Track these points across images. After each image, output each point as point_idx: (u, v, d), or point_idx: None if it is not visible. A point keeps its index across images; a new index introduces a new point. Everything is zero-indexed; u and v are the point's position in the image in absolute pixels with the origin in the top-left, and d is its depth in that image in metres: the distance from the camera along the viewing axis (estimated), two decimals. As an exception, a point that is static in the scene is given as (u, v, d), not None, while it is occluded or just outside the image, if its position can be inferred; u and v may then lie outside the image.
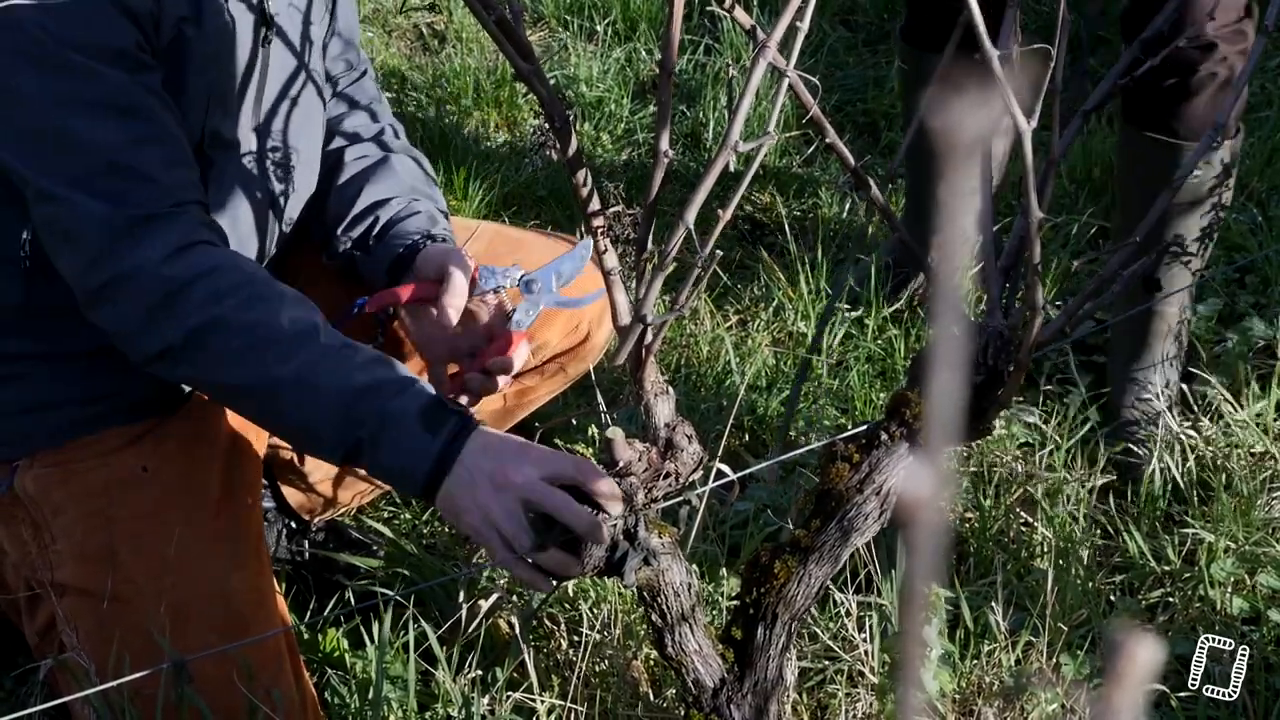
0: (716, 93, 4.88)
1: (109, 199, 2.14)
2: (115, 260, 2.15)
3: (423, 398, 2.16)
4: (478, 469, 2.10)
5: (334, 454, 2.18)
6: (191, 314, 2.15)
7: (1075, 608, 2.79)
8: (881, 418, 2.14)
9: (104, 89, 2.15)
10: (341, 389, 2.14)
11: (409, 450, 2.13)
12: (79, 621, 2.39)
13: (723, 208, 1.81)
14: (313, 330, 2.19)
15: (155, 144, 2.19)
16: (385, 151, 2.68)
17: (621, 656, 2.61)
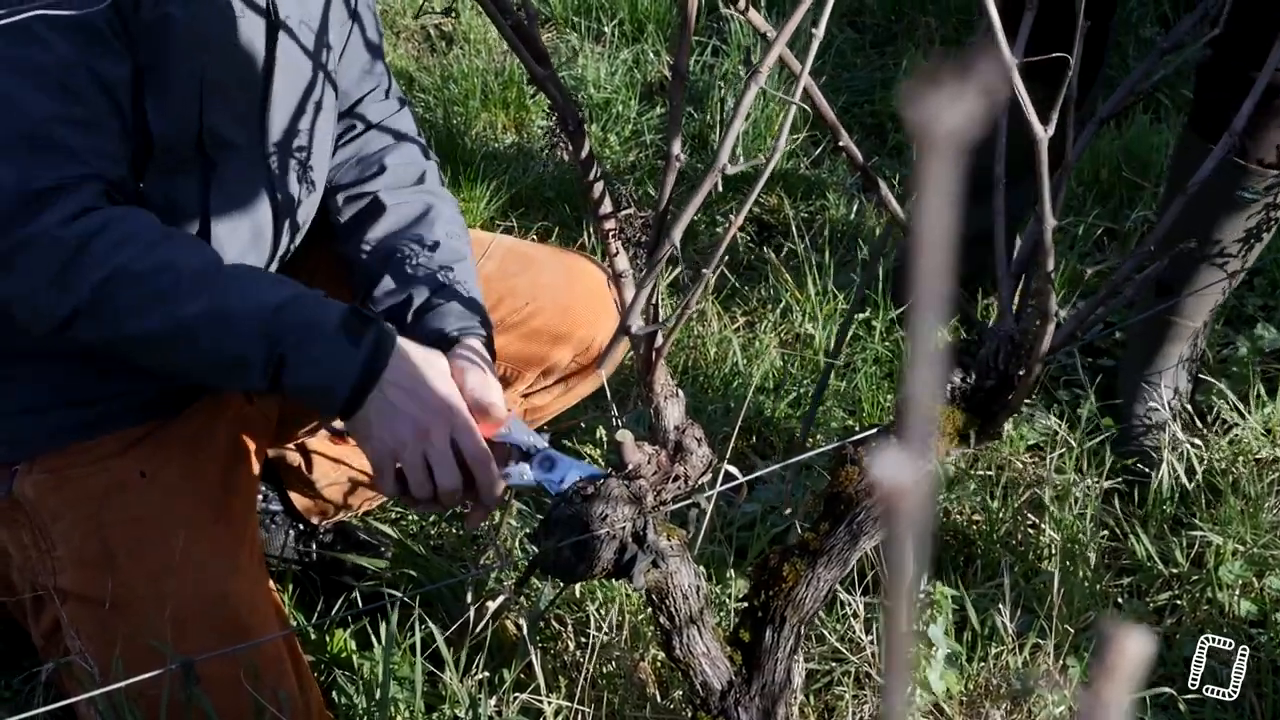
0: (724, 94, 4.88)
1: (19, 169, 2.12)
2: (13, 227, 2.13)
3: (340, 308, 2.19)
4: (402, 406, 2.18)
5: (262, 377, 2.18)
6: (94, 270, 2.13)
7: (1083, 610, 2.79)
8: (890, 420, 2.14)
9: (49, 60, 2.13)
10: (257, 310, 2.16)
11: (331, 363, 2.17)
12: (81, 626, 2.39)
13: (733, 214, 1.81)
14: (215, 264, 2.21)
15: (82, 127, 2.17)
16: (426, 199, 2.64)
17: (629, 658, 2.61)
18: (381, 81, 2.72)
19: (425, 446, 2.19)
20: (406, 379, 2.20)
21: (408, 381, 2.20)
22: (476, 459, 2.21)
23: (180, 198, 2.36)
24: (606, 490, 2.00)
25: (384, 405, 2.18)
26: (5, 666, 2.74)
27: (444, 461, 2.20)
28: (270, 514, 2.96)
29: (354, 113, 2.69)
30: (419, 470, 2.21)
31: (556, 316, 2.78)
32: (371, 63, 2.69)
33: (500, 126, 4.92)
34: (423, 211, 2.60)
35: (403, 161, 2.67)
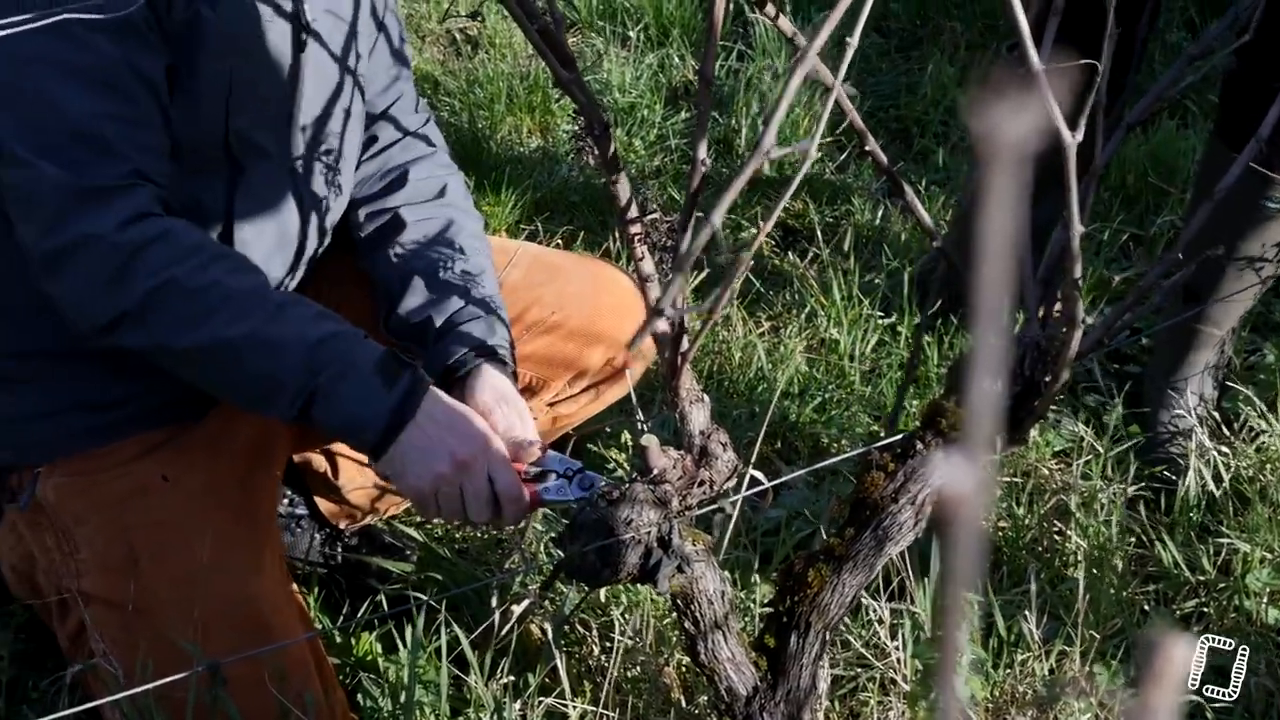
0: (749, 99, 4.88)
1: (71, 167, 2.14)
2: (69, 227, 2.15)
3: (378, 351, 2.22)
4: (437, 440, 2.20)
5: (292, 406, 2.19)
6: (146, 279, 2.16)
7: (1109, 617, 2.78)
8: (916, 426, 2.13)
9: (93, 59, 2.15)
10: (298, 341, 2.18)
11: (363, 403, 2.19)
12: (105, 629, 2.39)
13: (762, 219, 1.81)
14: (263, 289, 2.23)
15: (128, 124, 2.19)
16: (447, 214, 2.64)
17: (654, 663, 2.61)
18: (407, 92, 2.72)
19: (463, 479, 2.21)
20: (441, 415, 2.22)
21: (443, 417, 2.22)
22: (509, 496, 2.24)
23: (205, 199, 2.37)
24: (632, 495, 2.00)
25: (420, 440, 2.20)
26: (32, 668, 2.75)
27: (480, 496, 2.23)
28: (296, 518, 2.97)
29: (379, 123, 2.69)
30: (454, 501, 2.23)
31: (584, 325, 2.78)
32: (396, 72, 2.69)
33: (525, 131, 4.92)
34: (443, 228, 2.60)
35: (424, 175, 2.67)
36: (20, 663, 2.75)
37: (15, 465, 2.48)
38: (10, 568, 2.59)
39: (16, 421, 2.45)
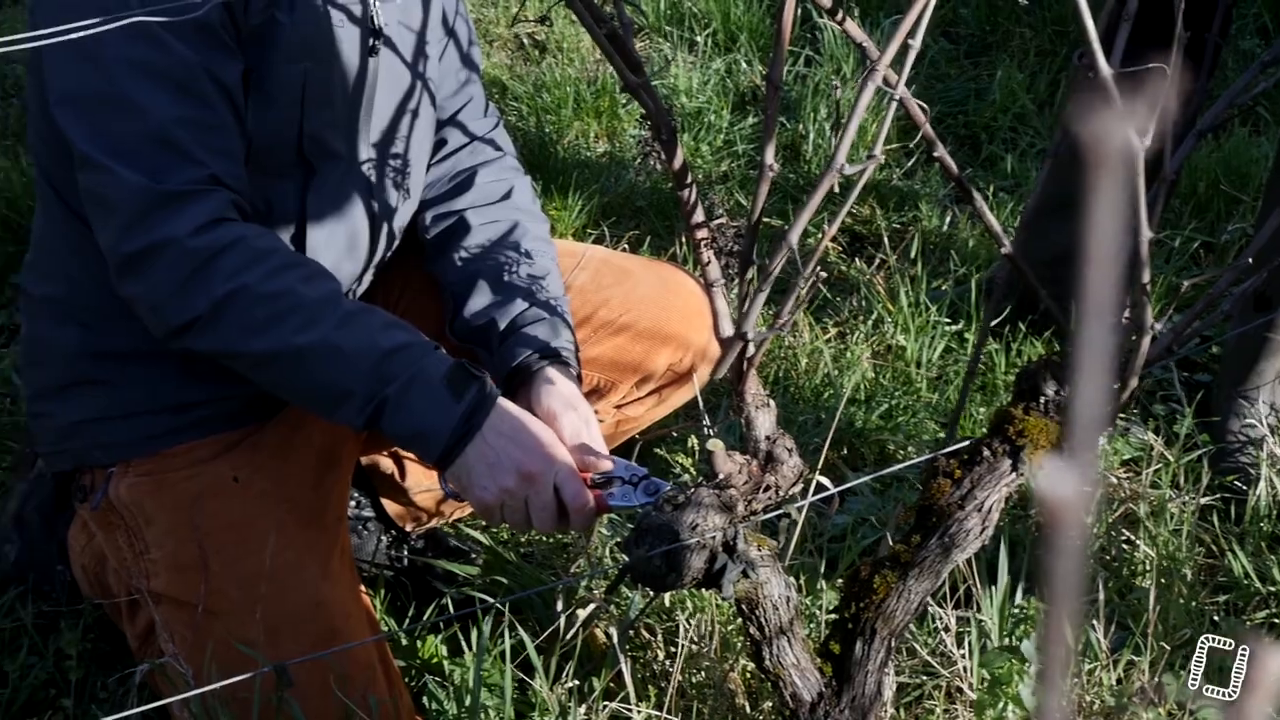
0: (816, 104, 4.87)
1: (147, 172, 2.17)
2: (146, 231, 2.18)
3: (447, 362, 2.23)
4: (503, 453, 2.21)
5: (360, 414, 2.21)
6: (218, 284, 2.18)
7: (1178, 627, 2.76)
8: (984, 433, 2.13)
9: (171, 63, 2.17)
10: (369, 350, 2.20)
11: (431, 414, 2.20)
12: (174, 629, 2.41)
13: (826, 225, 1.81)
14: (335, 297, 2.24)
15: (205, 129, 2.21)
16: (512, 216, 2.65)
17: (718, 668, 2.61)
18: (476, 96, 2.73)
19: (529, 492, 2.22)
20: (507, 428, 2.22)
21: (509, 430, 2.23)
22: (575, 506, 2.24)
23: (278, 201, 2.39)
24: (697, 499, 2.00)
25: (486, 453, 2.21)
26: (101, 667, 2.77)
27: (546, 508, 2.23)
28: (363, 520, 2.98)
29: (448, 127, 2.70)
30: (518, 513, 2.24)
31: (651, 328, 2.78)
32: (466, 76, 2.70)
33: (592, 135, 4.92)
34: (508, 230, 2.61)
35: (491, 179, 2.68)
36: (90, 662, 2.77)
37: (88, 465, 2.51)
38: (81, 567, 2.61)
39: (91, 422, 2.47)
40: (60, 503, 2.70)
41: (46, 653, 2.76)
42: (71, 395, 2.49)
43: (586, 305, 2.75)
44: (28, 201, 3.95)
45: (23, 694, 2.70)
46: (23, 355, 2.68)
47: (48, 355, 2.52)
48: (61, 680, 2.74)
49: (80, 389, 2.47)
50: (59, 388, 2.50)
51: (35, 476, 2.84)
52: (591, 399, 2.72)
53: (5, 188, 4.17)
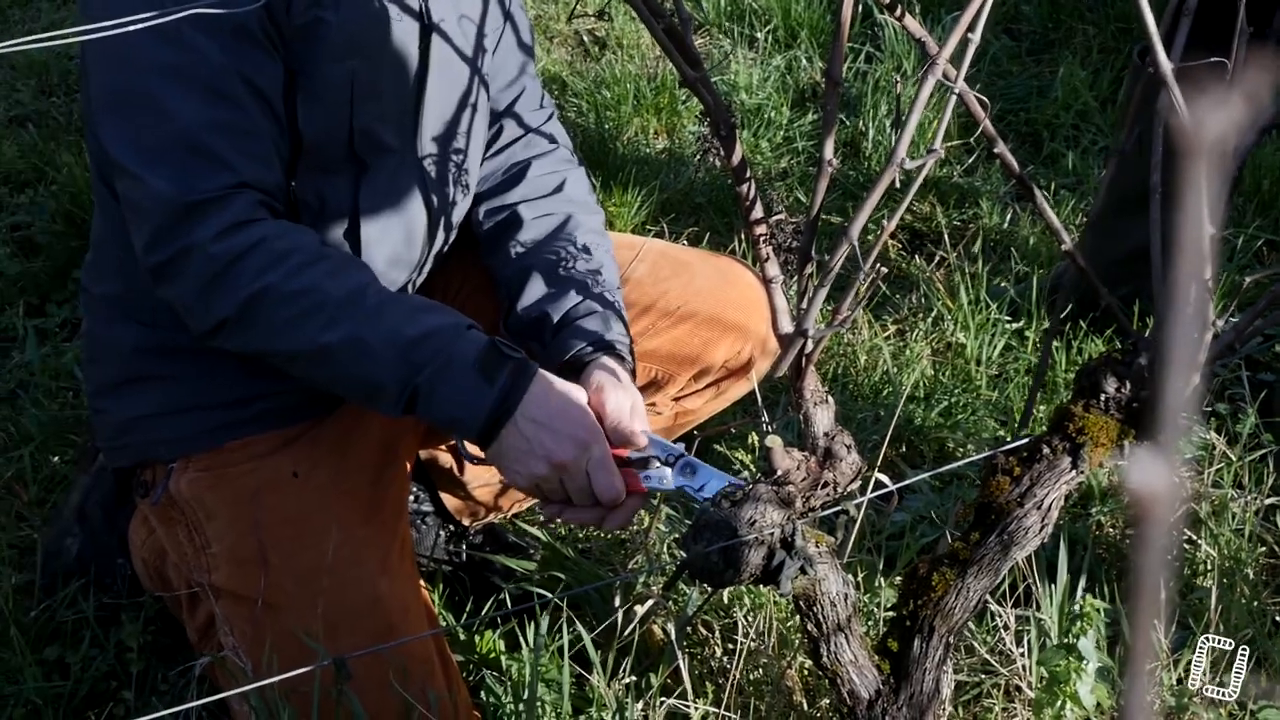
0: (877, 101, 4.86)
1: (175, 180, 2.19)
2: (172, 239, 2.20)
3: (479, 343, 2.22)
4: (537, 442, 2.21)
5: (396, 405, 2.22)
6: (242, 286, 2.19)
7: (1240, 627, 2.74)
8: (1043, 431, 2.12)
9: (203, 68, 2.18)
10: (394, 341, 2.20)
11: (464, 400, 2.20)
12: (234, 623, 2.42)
13: (886, 220, 1.80)
14: (361, 290, 2.24)
15: (237, 133, 2.22)
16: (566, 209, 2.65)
17: (776, 665, 2.61)
18: (530, 87, 2.73)
19: (562, 477, 2.23)
20: (541, 414, 2.22)
21: (542, 416, 2.22)
22: (607, 499, 2.24)
23: (331, 197, 2.39)
24: (755, 495, 1.99)
25: (518, 440, 2.21)
26: (162, 660, 2.79)
27: (580, 494, 2.24)
28: (421, 514, 2.99)
29: (502, 119, 2.70)
30: (556, 498, 2.27)
31: (710, 320, 2.78)
32: (521, 66, 2.70)
33: (652, 132, 4.92)
34: (561, 223, 2.61)
35: (544, 171, 2.67)
36: (150, 654, 2.79)
37: (149, 461, 2.52)
38: (142, 561, 2.63)
39: (150, 418, 2.49)
40: (121, 497, 2.72)
41: (108, 645, 2.78)
42: (130, 391, 2.50)
43: (645, 297, 2.75)
44: (90, 197, 3.98)
45: (84, 686, 2.73)
46: (84, 351, 2.70)
47: (107, 352, 2.54)
48: (123, 672, 2.76)
49: (139, 385, 2.49)
50: (118, 384, 2.52)
51: (97, 470, 2.87)
52: (649, 391, 2.72)
53: (69, 184, 4.20)
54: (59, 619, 2.83)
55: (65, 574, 2.86)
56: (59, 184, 4.28)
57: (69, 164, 4.33)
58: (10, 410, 3.49)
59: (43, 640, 2.80)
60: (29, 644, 2.75)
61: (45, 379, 3.59)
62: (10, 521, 3.13)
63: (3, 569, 2.95)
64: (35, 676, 2.71)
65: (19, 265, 4.03)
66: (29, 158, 4.54)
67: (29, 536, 3.08)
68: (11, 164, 4.52)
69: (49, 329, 3.81)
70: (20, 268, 4.01)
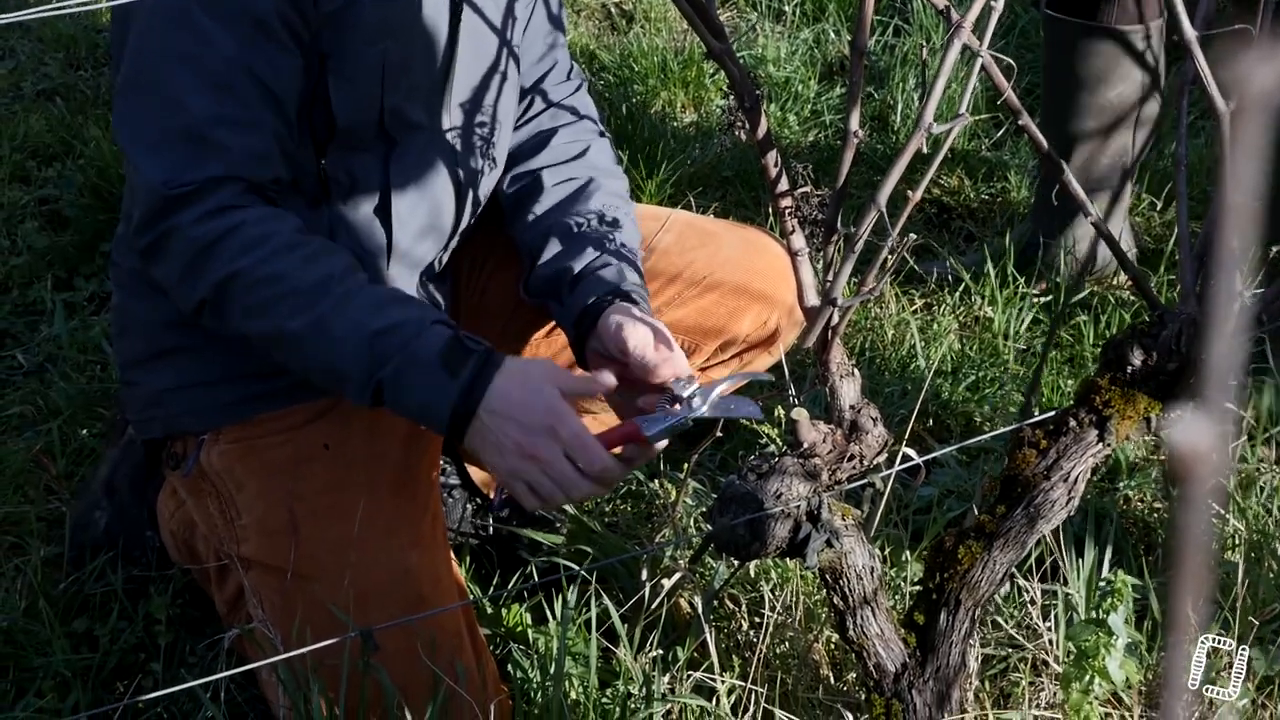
0: (905, 74, 4.84)
1: (167, 169, 2.22)
2: (157, 223, 2.24)
3: (442, 337, 2.21)
4: (504, 435, 2.18)
5: (362, 395, 2.23)
6: (217, 269, 2.22)
7: (1268, 602, 2.73)
8: (1070, 404, 2.11)
9: (212, 59, 2.20)
10: (358, 333, 2.20)
11: (427, 393, 2.20)
12: (264, 594, 2.43)
13: (911, 190, 1.80)
14: (328, 279, 2.24)
15: (235, 126, 2.23)
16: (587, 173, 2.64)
17: (802, 639, 2.61)
18: (561, 60, 2.72)
19: (541, 466, 2.19)
20: (503, 406, 2.19)
21: (504, 409, 2.19)
22: (594, 473, 2.20)
23: (361, 175, 2.40)
24: (782, 468, 1.99)
25: (486, 434, 2.20)
26: (190, 632, 2.80)
27: (565, 476, 2.19)
28: (448, 487, 2.99)
29: (532, 94, 2.70)
30: (546, 485, 2.21)
31: (736, 289, 2.77)
32: (552, 40, 2.69)
33: (679, 105, 4.92)
34: (581, 186, 2.60)
35: (568, 139, 2.67)
36: (179, 627, 2.80)
37: (179, 433, 2.53)
38: (170, 533, 2.64)
39: (180, 389, 2.50)
40: (150, 470, 2.73)
41: (136, 617, 2.79)
42: (160, 364, 2.51)
43: (671, 267, 2.75)
44: (118, 170, 4.00)
45: (113, 658, 2.74)
46: (114, 324, 2.71)
47: (137, 325, 2.55)
48: (151, 645, 2.77)
49: (169, 357, 2.50)
50: (148, 356, 2.53)
51: (125, 444, 2.88)
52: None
53: (97, 158, 4.21)
54: (87, 592, 2.84)
55: (93, 547, 2.87)
56: (87, 158, 4.29)
57: (96, 138, 4.34)
58: (39, 384, 3.50)
59: (71, 613, 2.82)
60: (57, 616, 2.76)
61: (73, 352, 3.60)
62: (39, 495, 3.14)
63: (31, 542, 2.96)
64: (64, 649, 2.72)
65: (47, 239, 4.04)
66: (57, 131, 4.55)
67: (57, 510, 3.09)
68: (40, 137, 4.53)
69: (77, 302, 3.83)
70: (48, 241, 4.02)
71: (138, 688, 2.68)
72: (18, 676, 2.70)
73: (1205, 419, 0.54)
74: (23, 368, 3.60)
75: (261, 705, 2.60)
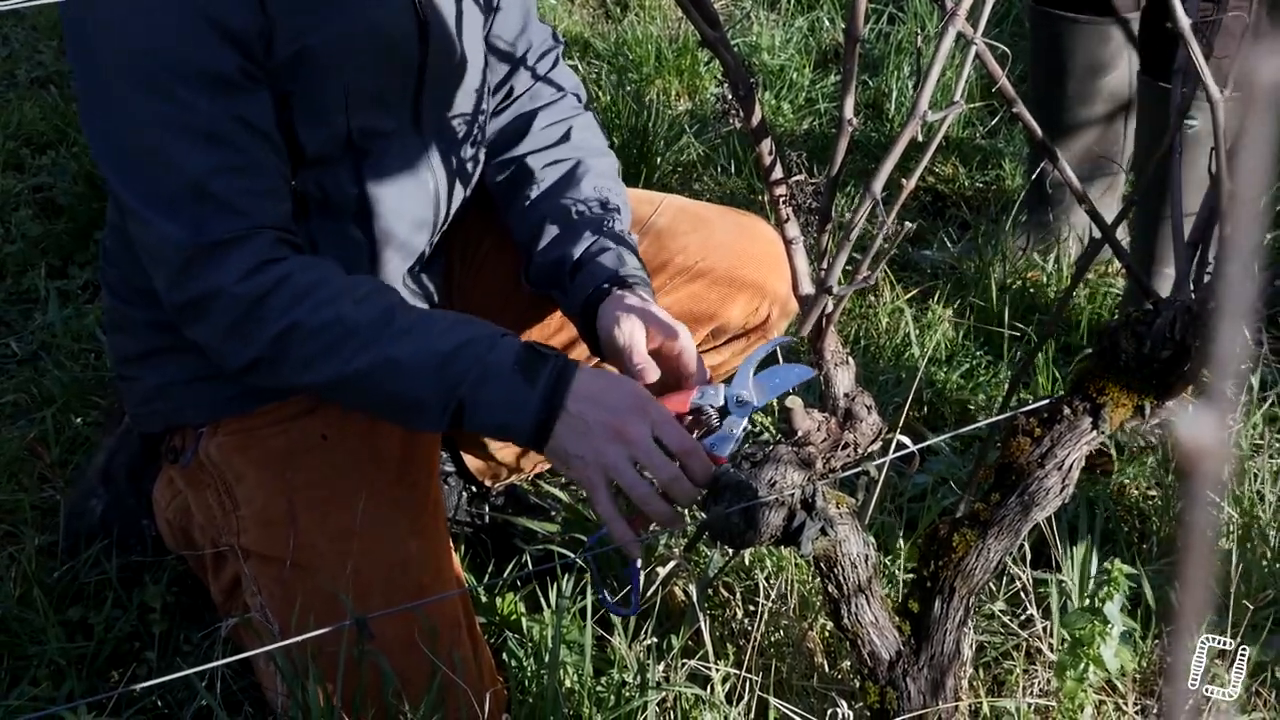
0: (900, 62, 4.84)
1: (187, 225, 2.19)
2: (193, 283, 2.21)
3: (514, 348, 2.18)
4: (592, 418, 2.14)
5: (440, 421, 2.20)
6: (270, 325, 2.19)
7: (1260, 589, 2.74)
8: (1063, 392, 2.11)
9: (195, 117, 2.18)
10: (428, 359, 2.17)
11: (510, 404, 2.16)
12: (262, 584, 2.43)
13: (906, 178, 1.80)
14: (388, 313, 2.22)
15: (238, 173, 2.22)
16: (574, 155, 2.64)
17: (797, 627, 2.61)
18: (536, 36, 2.71)
19: (628, 449, 2.13)
20: (589, 391, 2.16)
21: (592, 393, 2.16)
22: (683, 449, 2.13)
23: (333, 188, 2.40)
24: (776, 456, 1.99)
25: (575, 424, 2.15)
26: (187, 621, 2.80)
27: (652, 455, 2.13)
28: (444, 475, 2.99)
29: (509, 78, 2.69)
30: (630, 474, 2.13)
31: (726, 276, 2.77)
32: (524, 21, 2.68)
33: (674, 93, 4.92)
34: (569, 170, 2.60)
35: (550, 121, 2.67)
36: (174, 615, 2.80)
37: (178, 425, 2.54)
38: (166, 522, 2.64)
39: (179, 385, 2.50)
40: (147, 458, 2.73)
41: (131, 606, 2.79)
42: (156, 361, 2.51)
43: (663, 251, 2.74)
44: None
45: (108, 646, 2.74)
46: (107, 320, 2.72)
47: (131, 325, 2.55)
48: (146, 633, 2.77)
49: (165, 355, 2.50)
50: (144, 354, 2.53)
51: (122, 432, 2.87)
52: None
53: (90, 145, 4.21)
54: (82, 580, 2.84)
55: (89, 535, 2.87)
56: (80, 146, 4.29)
57: (89, 126, 4.33)
58: (32, 372, 3.50)
59: (66, 601, 2.81)
60: (52, 605, 2.76)
61: (67, 340, 3.60)
62: (33, 483, 3.14)
63: (26, 530, 2.96)
64: (58, 637, 2.72)
65: (41, 227, 4.04)
66: (51, 119, 4.55)
67: (52, 498, 3.09)
68: (33, 125, 4.53)
69: (71, 290, 3.83)
70: (42, 229, 4.02)
71: (132, 676, 2.68)
72: (12, 665, 2.70)
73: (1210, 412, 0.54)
74: (16, 356, 3.60)
75: (257, 694, 2.60)
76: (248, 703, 2.62)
